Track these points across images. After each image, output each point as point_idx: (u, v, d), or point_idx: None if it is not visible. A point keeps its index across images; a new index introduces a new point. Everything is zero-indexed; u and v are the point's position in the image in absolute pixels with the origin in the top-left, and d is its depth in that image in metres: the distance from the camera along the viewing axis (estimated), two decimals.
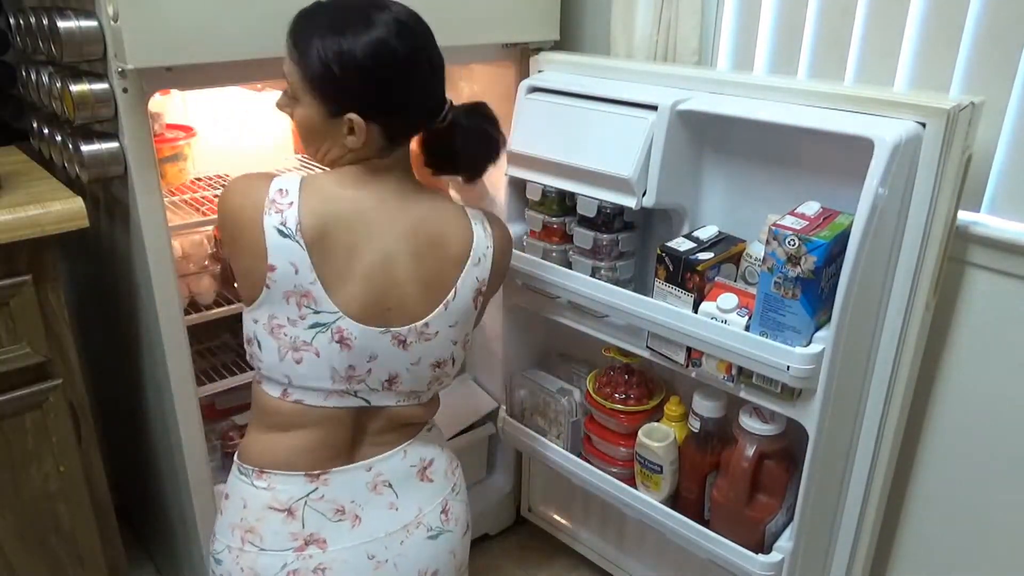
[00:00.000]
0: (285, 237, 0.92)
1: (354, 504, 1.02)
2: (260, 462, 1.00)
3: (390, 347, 0.98)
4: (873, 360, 1.20)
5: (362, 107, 0.95)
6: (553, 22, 1.52)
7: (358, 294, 0.95)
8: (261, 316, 0.95)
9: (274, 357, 0.96)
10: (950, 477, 1.33)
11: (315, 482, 1.00)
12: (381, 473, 1.04)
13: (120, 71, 1.11)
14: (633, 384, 1.44)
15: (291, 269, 0.92)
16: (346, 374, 0.97)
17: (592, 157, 1.29)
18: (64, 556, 1.31)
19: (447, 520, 1.09)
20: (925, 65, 1.22)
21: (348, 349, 0.96)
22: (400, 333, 0.99)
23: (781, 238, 1.07)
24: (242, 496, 1.01)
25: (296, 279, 0.93)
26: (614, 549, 1.76)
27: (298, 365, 0.96)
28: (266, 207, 0.93)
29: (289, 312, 0.94)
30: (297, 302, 0.94)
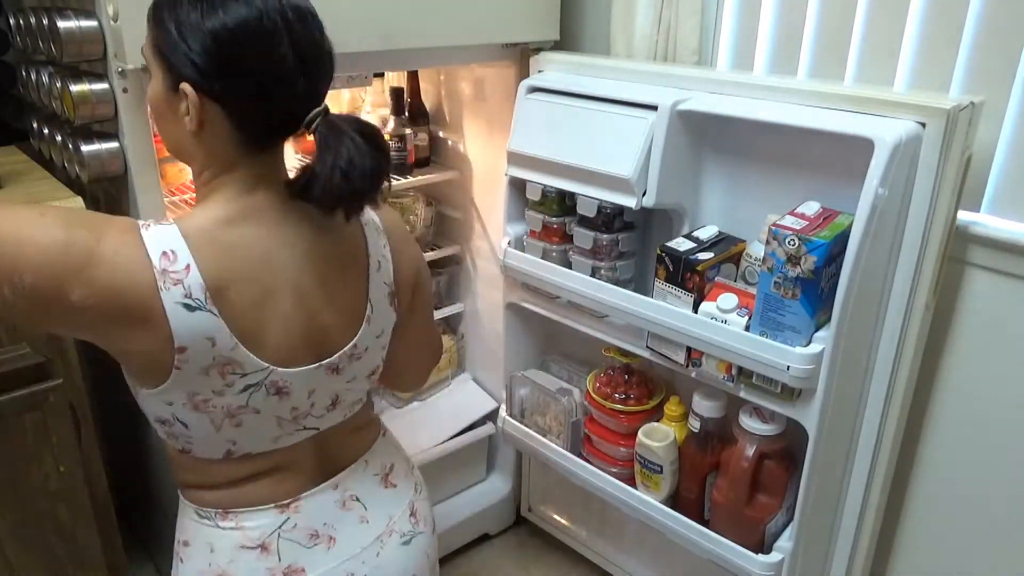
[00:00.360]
0: (195, 310, 0.77)
1: (327, 526, 0.97)
2: (222, 504, 0.93)
3: (325, 377, 0.91)
4: (873, 360, 1.20)
5: (199, 76, 0.78)
6: (553, 22, 1.52)
7: (281, 342, 0.85)
8: (176, 397, 0.82)
9: (207, 431, 0.86)
10: (950, 477, 1.33)
11: (286, 512, 0.94)
12: (348, 488, 1.00)
13: (120, 71, 1.11)
14: (633, 384, 1.44)
15: (207, 344, 0.79)
16: (291, 416, 0.90)
17: (592, 157, 1.29)
18: (64, 556, 1.31)
19: (417, 522, 1.06)
20: (925, 65, 1.22)
21: (287, 396, 0.88)
22: (332, 363, 0.91)
23: (781, 238, 1.07)
24: (207, 540, 0.94)
25: (215, 351, 0.80)
26: (614, 549, 1.76)
27: (239, 428, 0.87)
28: (159, 280, 0.76)
29: (212, 384, 0.82)
30: (219, 371, 0.81)
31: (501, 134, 1.55)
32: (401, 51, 1.34)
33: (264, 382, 0.85)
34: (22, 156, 1.42)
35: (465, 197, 1.83)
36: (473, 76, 1.71)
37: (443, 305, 1.92)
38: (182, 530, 0.98)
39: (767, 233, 1.09)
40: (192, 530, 0.96)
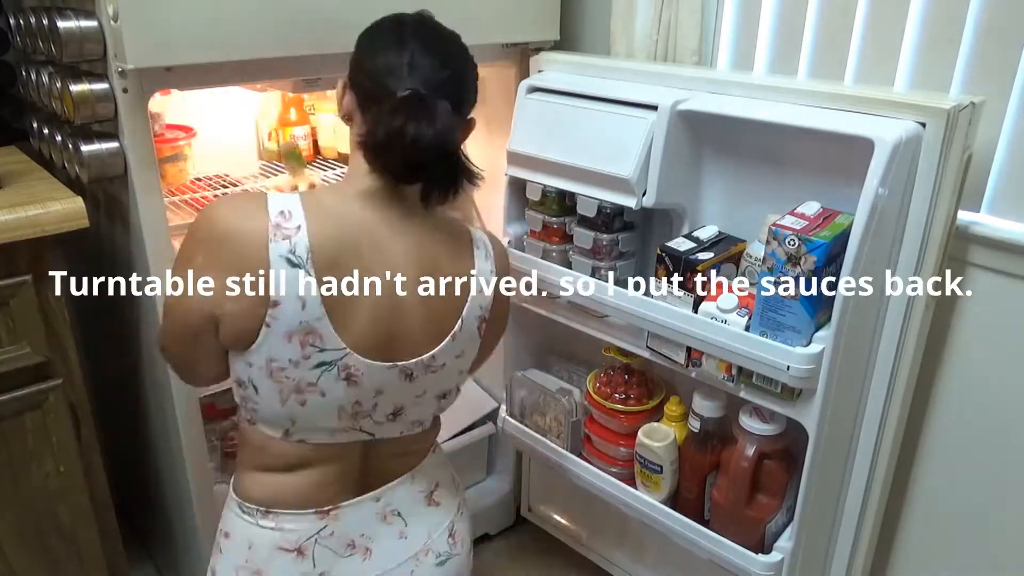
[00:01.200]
0: (295, 267, 0.82)
1: (364, 537, 0.98)
2: (266, 502, 0.95)
3: (397, 381, 0.92)
4: (873, 360, 1.20)
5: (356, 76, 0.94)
6: (553, 22, 1.52)
7: (365, 327, 0.88)
8: (257, 360, 0.86)
9: (275, 402, 0.89)
10: (950, 477, 1.33)
11: (325, 518, 0.95)
12: (390, 503, 1.00)
13: (120, 71, 1.11)
14: (633, 384, 1.44)
15: (298, 304, 0.83)
16: (352, 411, 0.92)
17: (592, 157, 1.29)
18: (64, 556, 1.31)
19: (455, 544, 1.06)
20: (925, 65, 1.22)
21: (356, 386, 0.90)
22: (407, 367, 0.92)
23: (781, 238, 1.07)
24: (247, 536, 0.96)
25: (302, 315, 0.83)
26: (614, 549, 1.76)
27: (302, 407, 0.89)
28: (270, 232, 0.82)
29: (291, 353, 0.85)
30: (300, 340, 0.84)
31: (501, 134, 1.55)
32: None
33: (338, 363, 0.87)
34: (22, 156, 1.42)
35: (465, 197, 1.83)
36: None
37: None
38: (225, 522, 1.00)
39: (767, 233, 1.09)
40: (234, 524, 0.98)
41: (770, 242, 1.08)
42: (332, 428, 0.93)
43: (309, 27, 1.20)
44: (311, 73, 1.30)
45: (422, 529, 1.03)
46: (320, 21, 1.20)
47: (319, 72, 1.30)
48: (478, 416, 1.87)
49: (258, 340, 0.84)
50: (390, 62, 0.90)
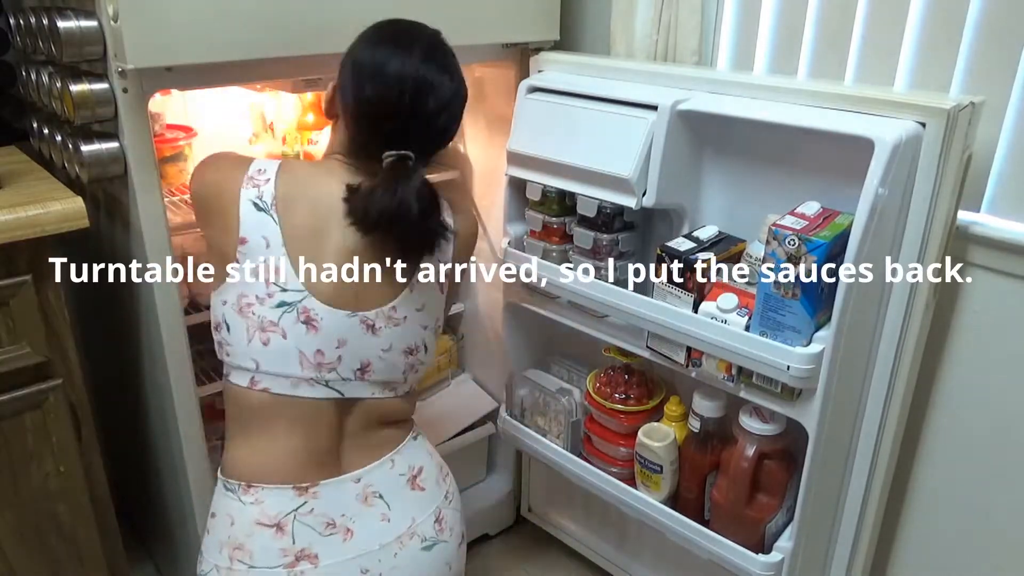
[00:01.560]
0: (260, 210, 0.94)
1: (345, 517, 0.99)
2: (246, 475, 0.98)
3: (359, 331, 0.98)
4: (873, 360, 1.20)
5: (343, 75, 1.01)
6: (553, 22, 1.52)
7: (324, 276, 0.96)
8: (230, 296, 0.96)
9: (242, 339, 0.96)
10: (950, 477, 1.33)
11: (304, 495, 0.98)
12: (371, 484, 1.02)
13: (120, 71, 1.11)
14: (633, 384, 1.44)
15: (263, 243, 0.94)
16: (315, 359, 0.96)
17: (592, 157, 1.29)
18: (64, 556, 1.31)
19: (441, 530, 1.07)
20: (925, 65, 1.22)
21: (315, 331, 0.95)
22: (368, 317, 0.98)
23: (781, 238, 1.07)
24: (229, 513, 0.99)
25: (266, 252, 0.94)
26: (614, 549, 1.76)
27: (265, 347, 0.95)
28: (243, 182, 0.96)
29: (257, 290, 0.94)
30: (265, 278, 0.94)
31: (501, 134, 1.55)
32: None
33: (297, 305, 0.95)
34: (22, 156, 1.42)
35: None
36: (473, 76, 1.71)
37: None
38: (213, 503, 1.03)
39: (767, 233, 1.09)
40: (219, 502, 1.01)
41: (770, 242, 1.08)
42: (295, 376, 0.96)
43: (309, 27, 1.20)
44: (311, 73, 1.30)
45: (406, 512, 1.04)
46: (320, 21, 1.20)
47: (319, 72, 1.30)
48: (478, 416, 1.87)
49: (232, 274, 0.95)
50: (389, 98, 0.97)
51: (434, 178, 1.76)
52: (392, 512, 1.02)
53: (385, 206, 0.94)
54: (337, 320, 0.96)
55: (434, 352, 1.10)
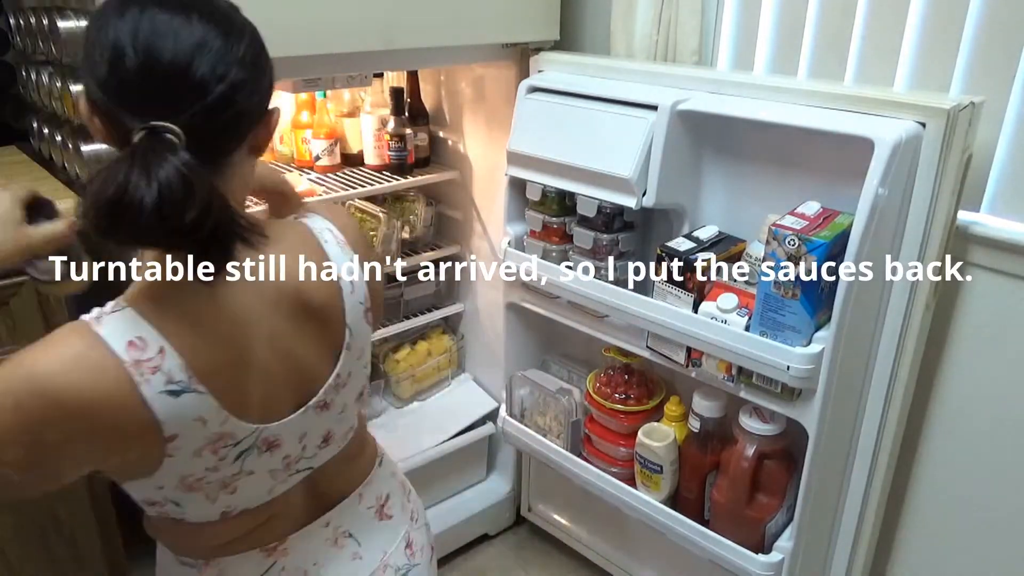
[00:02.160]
0: (180, 395, 0.71)
1: (316, 566, 0.91)
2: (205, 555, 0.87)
3: (315, 418, 0.86)
4: (873, 360, 1.20)
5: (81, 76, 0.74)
6: (553, 22, 1.52)
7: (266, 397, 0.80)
8: (168, 482, 0.77)
9: (202, 506, 0.81)
10: (950, 477, 1.33)
11: (273, 555, 0.88)
12: (340, 525, 0.94)
13: None
14: (633, 384, 1.44)
15: (198, 425, 0.73)
16: (284, 465, 0.85)
17: (592, 157, 1.29)
18: (64, 556, 1.31)
19: (412, 554, 1.01)
20: (925, 65, 1.22)
21: (279, 447, 0.83)
22: (319, 400, 0.85)
23: (781, 238, 1.07)
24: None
25: (205, 431, 0.74)
26: (614, 549, 1.76)
27: (234, 495, 0.82)
28: (133, 376, 0.69)
29: (205, 463, 0.76)
30: (212, 449, 0.76)
31: (501, 134, 1.55)
32: (401, 51, 1.34)
33: (256, 443, 0.80)
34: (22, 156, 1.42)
35: (465, 197, 1.83)
36: (473, 76, 1.71)
37: (443, 305, 1.92)
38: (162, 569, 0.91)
39: (767, 233, 1.09)
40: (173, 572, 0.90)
41: (770, 242, 1.08)
42: (270, 488, 0.85)
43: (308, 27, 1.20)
44: (311, 73, 1.30)
45: (376, 547, 0.97)
46: (319, 21, 1.20)
47: (319, 72, 1.30)
48: (478, 416, 1.87)
49: (159, 471, 0.75)
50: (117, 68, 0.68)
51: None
52: (363, 549, 0.96)
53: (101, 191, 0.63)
54: (294, 425, 0.83)
55: None
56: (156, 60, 0.68)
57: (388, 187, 1.71)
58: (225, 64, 0.70)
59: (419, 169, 1.79)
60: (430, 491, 1.84)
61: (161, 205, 0.63)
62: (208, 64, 0.69)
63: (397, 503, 1.02)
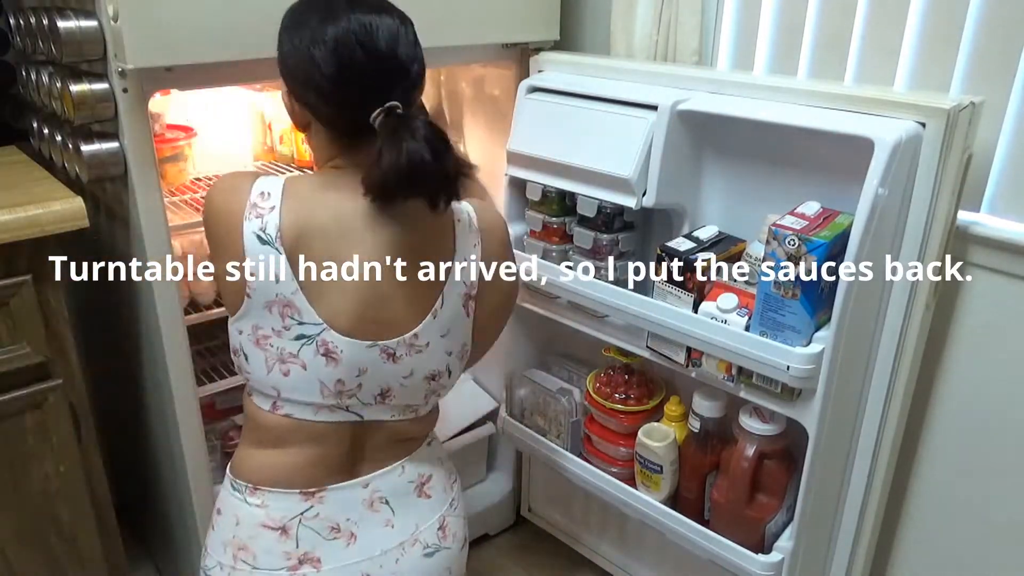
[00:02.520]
0: (264, 244, 0.88)
1: (349, 522, 0.99)
2: (254, 478, 0.97)
3: (379, 361, 0.94)
4: (873, 360, 1.20)
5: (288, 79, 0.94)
6: (553, 22, 1.52)
7: (342, 306, 0.91)
8: (245, 327, 0.92)
9: (261, 369, 0.93)
10: (950, 477, 1.33)
11: (310, 500, 0.97)
12: (378, 489, 1.01)
13: (120, 71, 1.11)
14: (633, 384, 1.44)
15: (272, 278, 0.88)
16: (335, 388, 0.94)
17: (592, 157, 1.29)
18: (64, 556, 1.31)
19: (444, 537, 1.06)
20: (925, 65, 1.22)
21: (335, 363, 0.92)
22: (389, 346, 0.94)
23: (781, 238, 1.07)
24: (235, 513, 0.98)
25: (277, 288, 0.89)
26: (614, 549, 1.76)
27: (285, 377, 0.92)
28: (247, 211, 0.88)
29: (273, 322, 0.90)
30: (280, 312, 0.89)
31: (501, 134, 1.55)
32: None
33: (316, 338, 0.90)
34: (22, 156, 1.42)
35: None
36: (473, 76, 1.71)
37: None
38: (219, 499, 1.02)
39: (767, 233, 1.09)
40: (225, 501, 1.00)
41: (770, 242, 1.08)
42: (316, 404, 0.94)
43: None
44: None
45: (410, 519, 1.03)
46: None
47: None
48: (478, 416, 1.87)
49: (242, 309, 0.90)
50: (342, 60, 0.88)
51: None
52: (396, 518, 1.02)
53: (394, 162, 0.84)
54: (357, 351, 0.92)
55: (459, 376, 1.06)
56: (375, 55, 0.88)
57: None
58: (411, 47, 0.91)
59: None
60: None
61: (435, 157, 0.85)
62: (404, 49, 0.90)
63: (439, 486, 1.07)
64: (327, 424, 0.96)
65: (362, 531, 0.99)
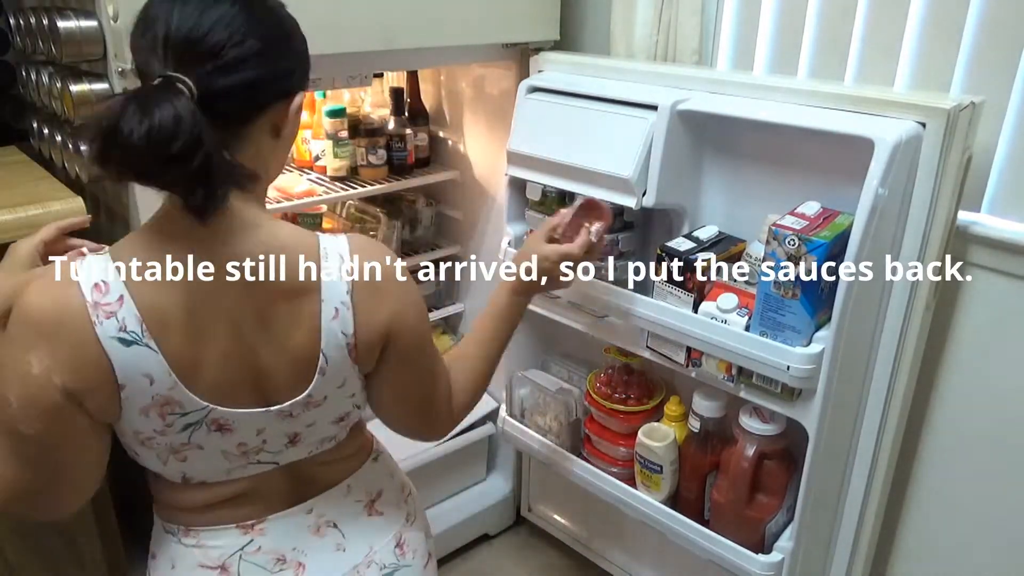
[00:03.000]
0: (131, 345, 0.74)
1: (296, 551, 0.91)
2: (183, 521, 0.89)
3: (276, 420, 0.85)
4: (873, 360, 1.20)
5: None
6: (553, 22, 1.52)
7: (219, 377, 0.80)
8: (126, 431, 0.81)
9: (156, 464, 0.85)
10: (950, 476, 1.33)
11: (249, 532, 0.89)
12: (323, 513, 0.93)
13: (120, 71, 1.11)
14: (633, 384, 1.44)
15: (145, 381, 0.75)
16: (239, 451, 0.85)
17: (592, 157, 1.29)
18: (64, 556, 1.31)
19: (403, 554, 0.99)
20: (925, 65, 1.22)
21: (230, 432, 0.83)
22: (283, 409, 0.84)
23: (781, 238, 1.07)
24: (169, 556, 0.90)
25: (152, 390, 0.76)
26: (614, 549, 1.76)
27: (184, 463, 0.84)
28: (91, 314, 0.72)
29: (152, 424, 0.79)
30: (159, 413, 0.78)
31: (501, 134, 1.55)
32: (401, 51, 1.34)
33: (205, 420, 0.80)
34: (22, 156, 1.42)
35: (465, 197, 1.83)
36: (473, 76, 1.71)
37: (443, 305, 1.92)
38: (153, 541, 0.94)
39: (767, 233, 1.09)
40: (158, 542, 0.93)
41: (770, 242, 1.08)
42: (226, 468, 0.87)
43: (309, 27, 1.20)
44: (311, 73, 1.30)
45: (362, 541, 0.96)
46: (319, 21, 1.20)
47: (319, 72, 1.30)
48: (478, 416, 1.87)
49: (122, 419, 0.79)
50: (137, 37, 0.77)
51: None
52: (347, 541, 0.95)
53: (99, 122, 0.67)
54: (251, 418, 0.83)
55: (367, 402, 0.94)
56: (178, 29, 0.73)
57: (388, 187, 1.71)
58: (241, 34, 0.75)
59: (419, 169, 1.79)
60: (430, 491, 1.84)
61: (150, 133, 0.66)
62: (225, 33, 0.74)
63: (391, 501, 1.00)
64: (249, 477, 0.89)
65: (311, 560, 0.92)
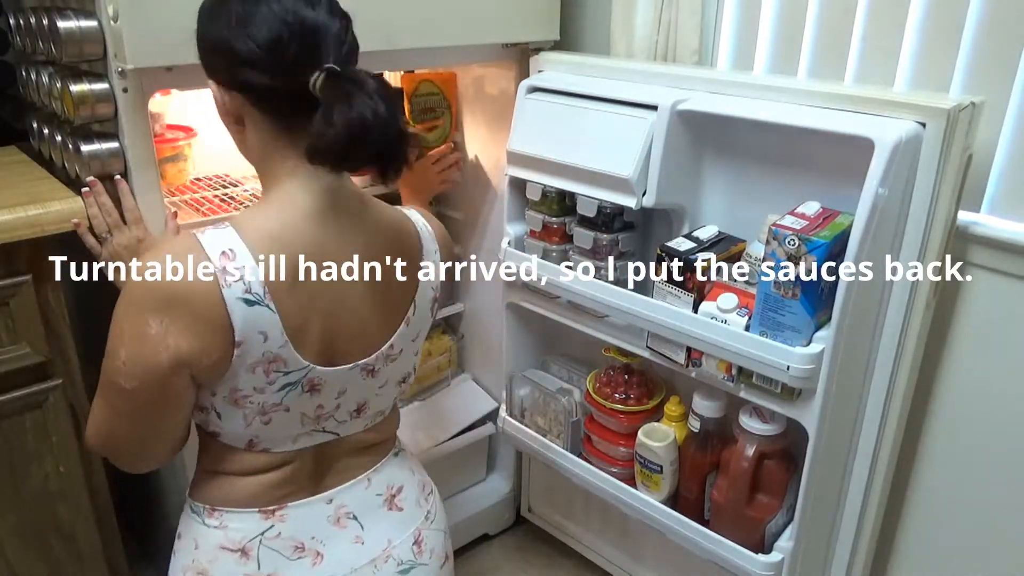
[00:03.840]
0: (253, 305, 0.79)
1: (315, 540, 0.94)
2: (211, 500, 0.93)
3: (359, 379, 0.91)
4: (873, 360, 1.20)
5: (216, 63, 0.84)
6: (553, 22, 1.52)
7: (322, 338, 0.86)
8: (221, 390, 0.84)
9: (238, 425, 0.87)
10: (950, 477, 1.33)
11: (270, 519, 0.92)
12: (344, 505, 0.96)
13: (120, 71, 1.11)
14: (633, 384, 1.44)
15: (260, 338, 0.81)
16: (315, 414, 0.90)
17: (592, 157, 1.29)
18: (64, 556, 1.31)
19: (420, 552, 1.00)
20: (925, 65, 1.22)
21: (317, 393, 0.88)
22: (368, 363, 0.91)
23: (781, 238, 1.07)
24: (194, 536, 0.94)
25: (265, 347, 0.81)
26: (614, 549, 1.76)
27: (267, 426, 0.88)
28: (221, 280, 0.78)
29: (255, 382, 0.83)
30: (265, 369, 0.83)
31: (501, 134, 1.55)
32: (401, 51, 1.34)
33: (302, 380, 0.86)
34: (22, 156, 1.42)
35: (465, 197, 1.83)
36: (473, 76, 1.71)
37: (443, 305, 1.91)
38: (180, 522, 0.98)
39: (767, 233, 1.09)
40: (185, 525, 0.97)
41: (770, 242, 1.08)
42: (296, 435, 0.91)
43: None
44: None
45: (380, 534, 0.98)
46: None
47: None
48: (478, 416, 1.87)
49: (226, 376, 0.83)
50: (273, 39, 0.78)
51: None
52: (366, 534, 0.97)
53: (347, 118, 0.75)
54: (339, 376, 0.89)
55: None
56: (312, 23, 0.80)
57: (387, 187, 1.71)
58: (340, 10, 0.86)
59: None
60: None
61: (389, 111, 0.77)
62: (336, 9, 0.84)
63: (411, 498, 1.02)
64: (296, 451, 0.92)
65: (329, 549, 0.94)
